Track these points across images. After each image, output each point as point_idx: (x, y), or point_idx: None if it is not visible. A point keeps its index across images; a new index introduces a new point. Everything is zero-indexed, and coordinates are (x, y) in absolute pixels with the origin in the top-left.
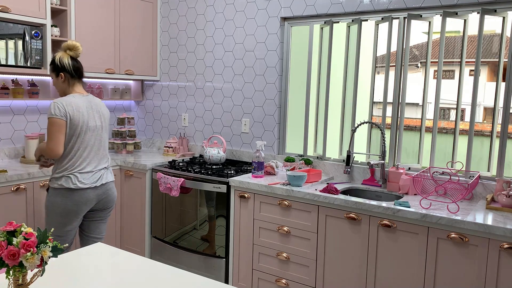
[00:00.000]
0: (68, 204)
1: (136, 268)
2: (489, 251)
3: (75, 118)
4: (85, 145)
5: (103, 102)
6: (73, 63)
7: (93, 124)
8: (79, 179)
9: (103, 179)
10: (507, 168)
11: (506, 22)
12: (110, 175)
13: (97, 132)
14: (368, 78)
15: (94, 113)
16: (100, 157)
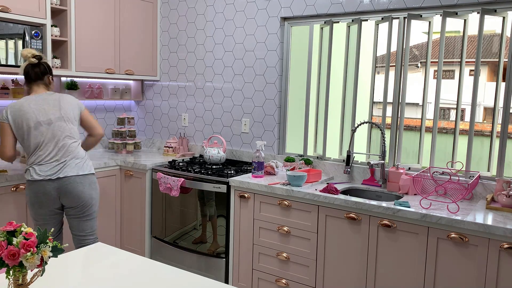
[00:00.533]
0: (31, 195)
1: (136, 268)
2: (489, 251)
3: (17, 118)
4: (38, 139)
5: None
6: (26, 69)
7: (45, 118)
8: (36, 171)
9: (61, 173)
10: (507, 168)
11: (506, 22)
12: (75, 169)
13: (53, 125)
14: (368, 78)
15: (47, 108)
16: (61, 149)
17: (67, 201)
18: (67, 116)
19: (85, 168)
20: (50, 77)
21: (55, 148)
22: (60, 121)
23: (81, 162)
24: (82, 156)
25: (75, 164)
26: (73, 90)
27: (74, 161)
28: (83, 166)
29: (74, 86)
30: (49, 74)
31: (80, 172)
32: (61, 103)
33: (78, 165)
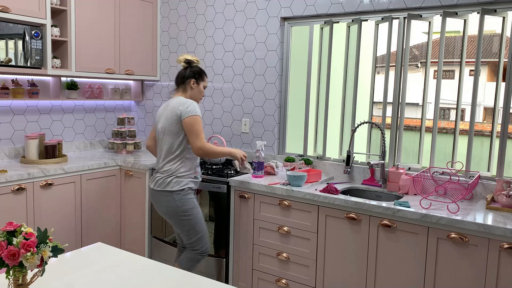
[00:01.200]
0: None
1: (136, 268)
2: (489, 251)
3: (155, 123)
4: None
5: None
6: (177, 73)
7: (159, 126)
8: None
9: (151, 183)
10: (507, 168)
11: (506, 22)
12: (154, 183)
13: (160, 134)
14: (368, 78)
15: (163, 114)
16: (157, 161)
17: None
18: (168, 129)
19: (166, 182)
20: (192, 82)
21: (159, 159)
22: (162, 133)
23: (161, 178)
24: (169, 172)
25: (166, 177)
26: (73, 90)
27: (160, 175)
28: (161, 181)
29: (74, 86)
30: (192, 78)
31: (160, 186)
32: (165, 111)
33: (167, 179)
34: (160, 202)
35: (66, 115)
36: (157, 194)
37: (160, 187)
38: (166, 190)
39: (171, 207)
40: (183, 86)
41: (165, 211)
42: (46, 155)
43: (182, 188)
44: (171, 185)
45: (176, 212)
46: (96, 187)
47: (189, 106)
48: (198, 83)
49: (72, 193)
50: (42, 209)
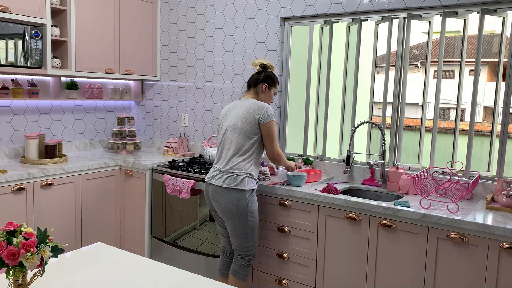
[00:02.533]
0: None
1: (136, 268)
2: (489, 251)
3: (219, 120)
4: (218, 143)
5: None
6: (251, 76)
7: (225, 124)
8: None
9: (213, 179)
10: (507, 168)
11: (506, 22)
12: (223, 180)
13: (225, 132)
14: (368, 78)
15: (232, 114)
16: (224, 158)
17: (214, 207)
18: (238, 127)
19: (235, 182)
20: (264, 86)
21: (222, 155)
22: (231, 130)
23: (233, 176)
24: (242, 170)
25: (230, 176)
26: (73, 90)
27: (230, 172)
28: (232, 179)
29: (74, 86)
30: (264, 83)
31: (224, 183)
32: (239, 109)
33: (230, 178)
34: (230, 200)
35: (66, 115)
36: (225, 191)
37: (232, 185)
38: (238, 188)
39: (241, 206)
40: (255, 89)
41: (234, 210)
42: (46, 155)
43: (253, 188)
44: (243, 184)
45: (245, 211)
46: (96, 187)
47: (268, 111)
48: (270, 88)
49: (72, 193)
50: (42, 209)
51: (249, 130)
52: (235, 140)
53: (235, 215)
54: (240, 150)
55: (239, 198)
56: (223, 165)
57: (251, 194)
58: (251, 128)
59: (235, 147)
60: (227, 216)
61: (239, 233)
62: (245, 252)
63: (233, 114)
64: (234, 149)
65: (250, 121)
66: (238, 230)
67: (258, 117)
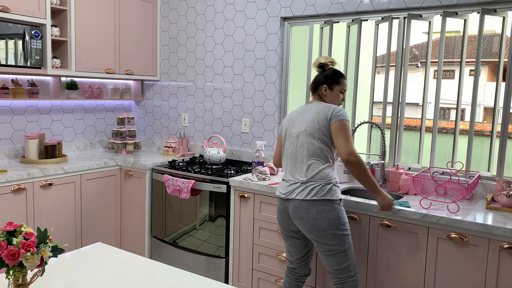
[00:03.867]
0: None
1: (136, 268)
2: (489, 251)
3: (281, 127)
4: (285, 152)
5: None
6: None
7: (294, 131)
8: (279, 187)
9: (293, 193)
10: (507, 168)
11: (506, 22)
12: (307, 192)
13: (296, 139)
14: (368, 78)
15: (301, 119)
16: (296, 168)
17: (300, 227)
18: (309, 132)
19: (321, 192)
20: (324, 88)
21: (292, 165)
22: (302, 136)
23: (318, 185)
24: (325, 179)
25: (310, 186)
26: (73, 90)
27: (313, 182)
28: (318, 189)
29: (74, 86)
30: (323, 84)
31: (306, 195)
32: (309, 113)
33: (311, 188)
34: (318, 214)
35: (66, 115)
36: (312, 205)
37: (318, 196)
38: (326, 199)
39: (332, 218)
40: (316, 93)
41: (324, 224)
42: (46, 155)
43: (340, 198)
44: (331, 193)
45: (337, 224)
46: (96, 187)
47: (339, 111)
48: (331, 88)
49: (72, 193)
50: (42, 209)
51: (324, 132)
52: (312, 146)
53: (326, 231)
54: (320, 156)
55: (328, 210)
56: (303, 175)
57: (339, 204)
58: (325, 131)
59: (313, 153)
60: (317, 234)
61: (336, 252)
62: (348, 273)
63: (303, 119)
64: (313, 156)
65: (323, 124)
66: (334, 248)
67: (328, 116)
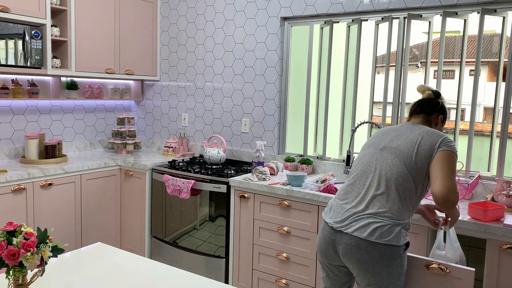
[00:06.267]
0: (319, 233)
1: (136, 268)
2: (489, 251)
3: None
4: (355, 166)
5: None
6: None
7: (382, 143)
8: (328, 205)
9: (349, 226)
10: (507, 168)
11: (506, 22)
12: (370, 231)
13: (384, 153)
14: (368, 78)
15: (397, 134)
16: (367, 193)
17: (345, 260)
18: (406, 152)
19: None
20: (440, 117)
21: (357, 187)
22: (389, 153)
23: (385, 226)
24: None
25: (377, 224)
26: (73, 90)
27: (378, 219)
28: (385, 230)
29: (74, 86)
30: (441, 114)
31: (373, 237)
32: (411, 134)
33: (378, 227)
34: (379, 260)
35: (66, 115)
36: (372, 247)
37: (384, 239)
38: (392, 245)
39: (395, 268)
40: (427, 117)
41: (384, 273)
42: (46, 155)
43: (407, 243)
44: (398, 238)
45: (397, 274)
46: (96, 187)
47: (450, 141)
48: (443, 122)
49: (72, 193)
50: (42, 209)
51: (421, 160)
52: (396, 170)
53: (384, 279)
54: (401, 187)
55: (393, 257)
56: (366, 206)
57: (404, 251)
58: (424, 159)
59: (394, 180)
60: (370, 279)
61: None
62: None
63: (397, 135)
64: (393, 184)
65: (426, 148)
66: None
67: (437, 143)
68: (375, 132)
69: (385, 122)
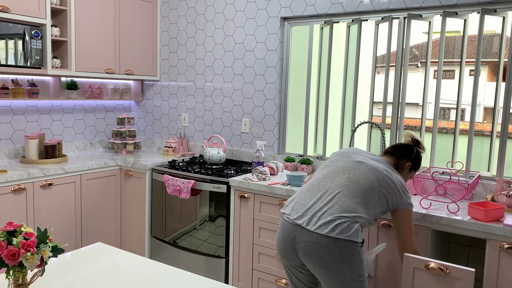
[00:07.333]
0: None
1: (136, 268)
2: (489, 251)
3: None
4: (324, 166)
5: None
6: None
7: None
8: (288, 201)
9: (309, 223)
10: (507, 168)
11: (506, 22)
12: (343, 228)
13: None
14: (368, 78)
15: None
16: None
17: (301, 257)
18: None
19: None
20: (408, 164)
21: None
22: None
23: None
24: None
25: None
26: (73, 90)
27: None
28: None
29: (74, 86)
30: (410, 162)
31: (334, 233)
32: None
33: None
34: (341, 257)
35: (66, 115)
36: (334, 244)
37: (344, 235)
38: (351, 240)
39: (356, 264)
40: (397, 161)
41: (346, 270)
42: (46, 155)
43: (363, 240)
44: (356, 235)
45: (359, 272)
46: (96, 187)
47: (408, 193)
48: (410, 170)
49: (72, 193)
50: (42, 209)
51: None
52: (369, 182)
53: (346, 277)
54: (368, 196)
55: (353, 253)
56: (328, 202)
57: (361, 248)
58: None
59: (366, 189)
60: (331, 278)
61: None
62: None
63: (375, 159)
64: (363, 189)
65: (389, 189)
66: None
67: (398, 193)
68: (342, 151)
69: (385, 122)
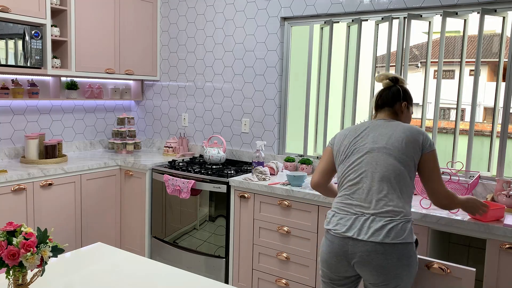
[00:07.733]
0: (323, 247)
1: (136, 268)
2: (489, 251)
3: (333, 141)
4: (344, 171)
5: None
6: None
7: (367, 145)
8: (330, 216)
9: (360, 232)
10: (507, 168)
11: (506, 22)
12: (397, 231)
13: (374, 155)
14: (368, 78)
15: (378, 134)
16: (373, 195)
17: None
18: (399, 153)
19: (402, 233)
20: (404, 104)
21: (361, 190)
22: (380, 153)
23: (399, 223)
24: (405, 215)
25: (392, 223)
26: (73, 90)
27: (392, 219)
28: (399, 229)
29: (74, 86)
30: (403, 101)
31: (390, 238)
32: (384, 129)
33: (394, 226)
34: (399, 262)
35: (66, 115)
36: (391, 249)
37: (399, 238)
38: (407, 242)
39: (413, 267)
40: (391, 109)
41: (404, 274)
42: (46, 155)
43: (416, 240)
44: (411, 235)
45: (414, 273)
46: (96, 187)
47: (429, 137)
48: (409, 107)
49: (72, 193)
50: (42, 209)
51: (411, 155)
52: (392, 169)
53: (404, 280)
54: (402, 184)
55: (410, 255)
56: (375, 206)
57: (416, 247)
58: (413, 154)
59: (394, 179)
60: (390, 282)
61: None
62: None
63: (378, 134)
64: (393, 182)
65: (412, 145)
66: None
67: (421, 141)
68: (342, 132)
69: None
